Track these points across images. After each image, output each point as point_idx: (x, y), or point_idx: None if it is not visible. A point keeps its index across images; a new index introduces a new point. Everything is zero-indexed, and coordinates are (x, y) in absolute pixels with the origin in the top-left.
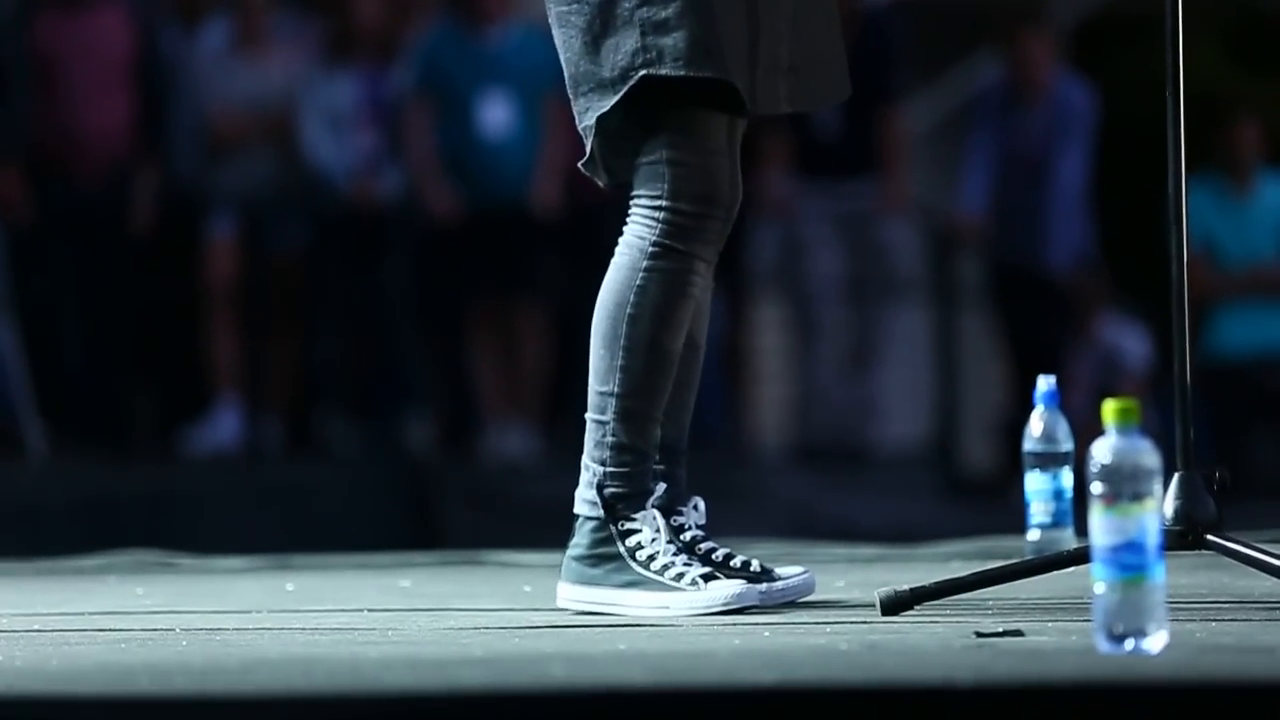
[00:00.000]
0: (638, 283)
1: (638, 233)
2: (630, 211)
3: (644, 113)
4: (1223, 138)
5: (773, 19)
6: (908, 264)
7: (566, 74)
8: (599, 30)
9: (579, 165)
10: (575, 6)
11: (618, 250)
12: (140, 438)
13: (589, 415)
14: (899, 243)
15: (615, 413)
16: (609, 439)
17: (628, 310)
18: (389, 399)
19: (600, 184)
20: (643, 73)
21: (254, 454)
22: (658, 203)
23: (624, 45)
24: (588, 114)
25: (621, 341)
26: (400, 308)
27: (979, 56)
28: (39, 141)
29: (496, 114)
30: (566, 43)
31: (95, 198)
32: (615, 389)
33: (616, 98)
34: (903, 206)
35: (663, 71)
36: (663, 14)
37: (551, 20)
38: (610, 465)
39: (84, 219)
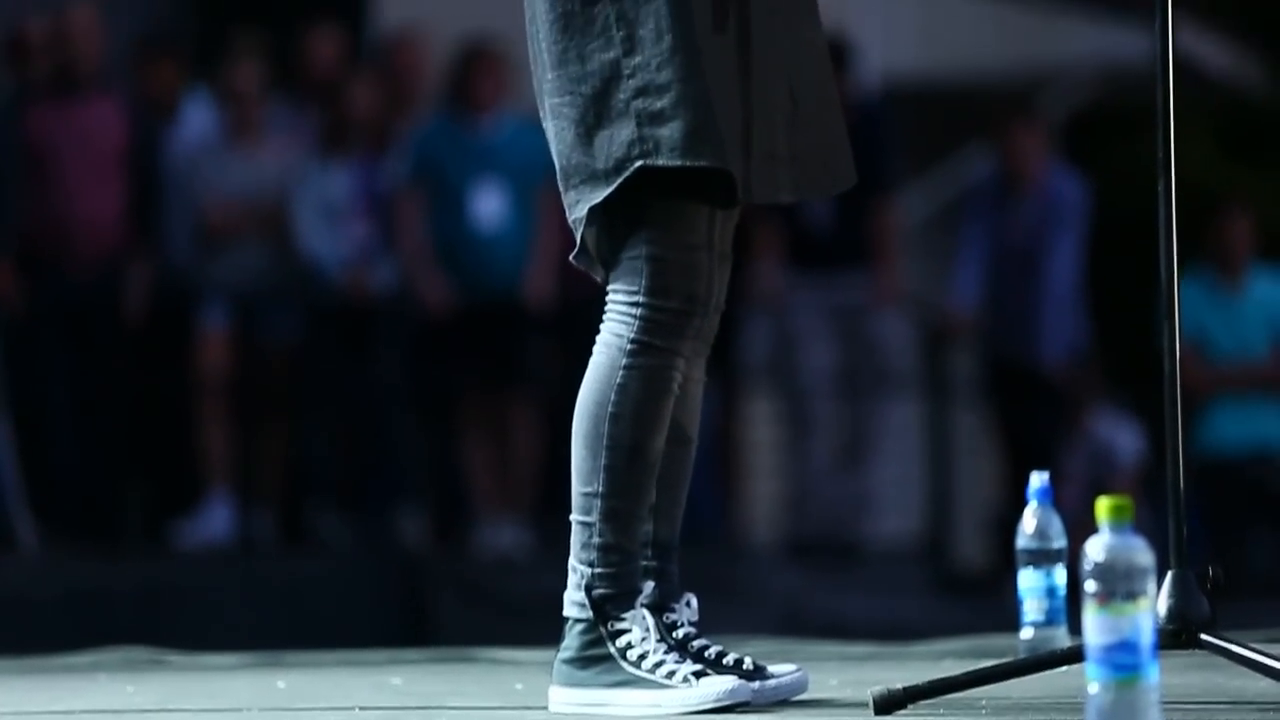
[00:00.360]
0: (618, 381)
1: (615, 330)
2: (606, 308)
3: (627, 206)
4: (1214, 231)
5: (767, 107)
6: (900, 357)
7: (558, 166)
8: (593, 121)
9: (570, 259)
10: (568, 98)
11: (595, 349)
12: (131, 531)
13: (574, 517)
14: (891, 336)
15: (601, 513)
16: (595, 540)
17: (609, 409)
18: (381, 492)
19: (596, 278)
20: (639, 163)
21: (246, 547)
22: (635, 299)
23: (619, 136)
24: (579, 205)
25: (604, 441)
26: (393, 400)
27: (971, 149)
28: (31, 232)
29: (489, 205)
30: (559, 134)
31: (87, 289)
32: (600, 489)
33: (610, 189)
34: (895, 299)
35: (660, 162)
36: (659, 104)
37: (543, 112)
38: (598, 566)
39: (76, 310)
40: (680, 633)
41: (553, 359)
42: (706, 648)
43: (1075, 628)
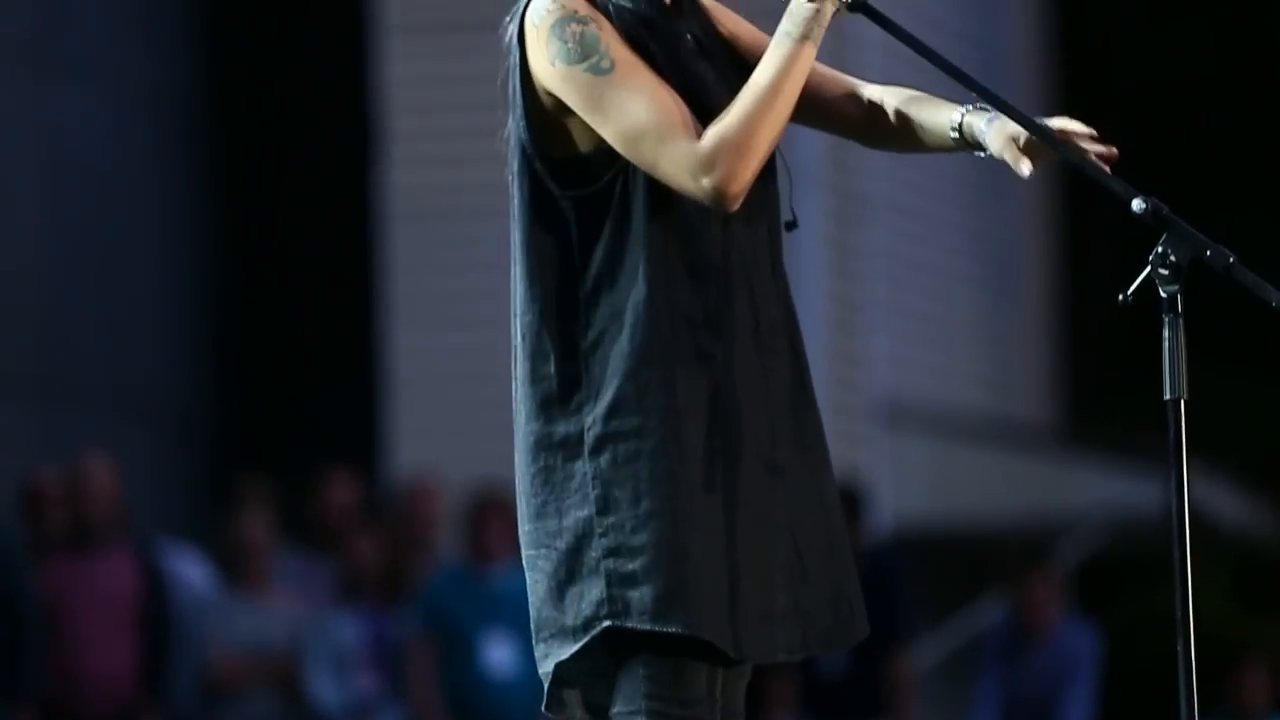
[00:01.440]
0: None
1: None
2: None
3: (621, 662)
4: (1232, 683)
5: (765, 564)
6: None
7: (531, 617)
8: (564, 577)
9: (543, 708)
10: (543, 551)
11: None
12: None
13: None
14: None
15: None
16: None
17: None
18: None
19: None
20: (607, 623)
21: None
22: None
23: (589, 594)
24: (547, 660)
25: None
26: None
27: (984, 597)
28: (43, 686)
29: (500, 654)
30: (533, 587)
31: None
32: None
33: (577, 646)
34: None
35: (629, 624)
36: (630, 566)
37: (524, 562)
38: None
39: None
40: None
41: None
42: None
43: None
